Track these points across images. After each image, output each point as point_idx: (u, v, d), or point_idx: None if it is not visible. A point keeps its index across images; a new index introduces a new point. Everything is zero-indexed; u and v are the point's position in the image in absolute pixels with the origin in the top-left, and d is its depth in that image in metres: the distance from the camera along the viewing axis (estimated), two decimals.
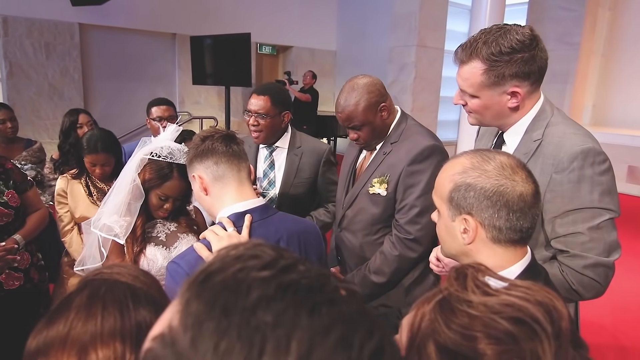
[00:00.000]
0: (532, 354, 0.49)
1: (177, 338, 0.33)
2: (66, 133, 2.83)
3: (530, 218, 0.91)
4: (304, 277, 0.35)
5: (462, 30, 8.95)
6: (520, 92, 1.23)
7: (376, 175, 1.69)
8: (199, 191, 1.18)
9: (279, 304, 0.32)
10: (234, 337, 0.31)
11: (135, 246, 1.48)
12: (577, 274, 1.18)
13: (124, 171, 1.50)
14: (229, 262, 0.36)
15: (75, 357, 0.59)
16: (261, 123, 1.94)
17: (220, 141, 1.16)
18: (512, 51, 1.19)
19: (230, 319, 0.32)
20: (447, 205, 0.96)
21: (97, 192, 2.27)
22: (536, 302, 0.52)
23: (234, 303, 0.32)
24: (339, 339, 0.31)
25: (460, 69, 1.29)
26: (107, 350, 0.60)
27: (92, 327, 0.61)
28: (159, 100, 2.76)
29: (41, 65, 6.22)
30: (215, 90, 7.84)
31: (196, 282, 0.35)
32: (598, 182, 1.18)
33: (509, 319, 0.51)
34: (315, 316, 0.32)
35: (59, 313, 0.64)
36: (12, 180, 2.09)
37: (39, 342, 0.61)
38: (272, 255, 0.37)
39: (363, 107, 1.61)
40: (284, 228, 1.18)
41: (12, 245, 1.97)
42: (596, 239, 1.18)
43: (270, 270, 0.35)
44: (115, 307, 0.63)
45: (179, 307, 0.35)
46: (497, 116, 1.30)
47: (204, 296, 0.34)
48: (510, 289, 0.55)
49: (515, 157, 0.95)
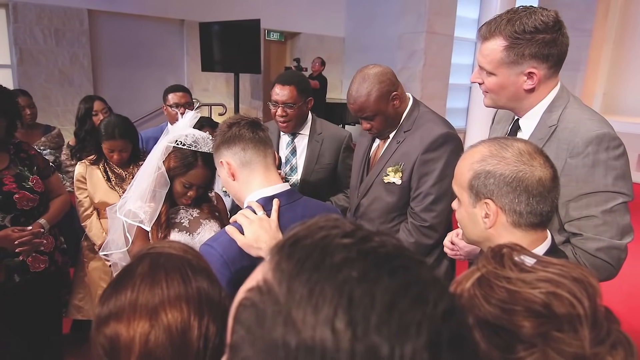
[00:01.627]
0: (570, 326, 0.52)
1: (273, 288, 0.37)
2: (82, 120, 2.88)
3: (550, 202, 0.95)
4: (381, 245, 0.39)
5: (473, 17, 8.83)
6: (537, 73, 1.25)
7: (390, 164, 1.72)
8: (226, 177, 1.22)
9: (361, 264, 0.36)
10: (325, 286, 0.35)
11: (160, 232, 1.53)
12: (590, 257, 1.21)
13: (149, 159, 1.54)
14: (314, 230, 0.40)
15: (146, 319, 0.65)
16: (289, 113, 1.96)
17: (246, 128, 1.19)
18: (534, 31, 1.21)
19: (320, 273, 0.36)
20: (467, 193, 0.99)
21: (115, 177, 2.33)
22: (572, 278, 0.55)
23: (322, 261, 0.36)
24: (416, 296, 0.35)
25: (482, 46, 1.31)
26: (175, 312, 0.65)
27: (159, 292, 0.67)
28: (175, 87, 2.79)
29: (51, 51, 6.24)
30: (223, 77, 7.84)
31: (286, 246, 0.40)
32: (612, 167, 1.21)
33: (547, 293, 0.54)
34: (394, 277, 0.36)
35: (123, 282, 0.69)
36: (36, 166, 2.14)
37: (110, 308, 0.66)
38: (351, 227, 0.41)
39: (375, 97, 1.62)
40: (309, 212, 1.22)
41: (38, 229, 2.03)
42: (609, 222, 1.21)
43: (351, 238, 0.39)
44: (176, 274, 0.69)
45: (270, 265, 0.39)
46: (513, 97, 1.32)
47: (294, 256, 0.38)
48: (546, 266, 0.58)
49: (532, 143, 0.98)
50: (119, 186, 2.32)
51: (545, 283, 0.56)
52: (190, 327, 0.65)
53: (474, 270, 0.61)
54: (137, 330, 0.64)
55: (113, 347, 0.65)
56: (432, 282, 0.37)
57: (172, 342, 0.64)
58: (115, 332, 0.65)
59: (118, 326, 0.65)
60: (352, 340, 0.32)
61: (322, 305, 0.34)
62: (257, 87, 8.41)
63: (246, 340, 0.36)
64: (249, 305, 0.38)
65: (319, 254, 0.37)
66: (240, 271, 1.09)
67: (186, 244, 0.79)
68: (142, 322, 0.64)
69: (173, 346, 0.64)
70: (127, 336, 0.64)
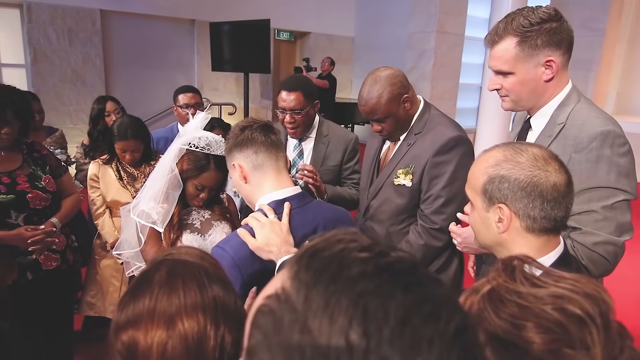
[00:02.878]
0: (581, 343, 0.52)
1: (291, 297, 0.38)
2: (95, 120, 2.91)
3: (564, 207, 0.94)
4: (397, 261, 0.40)
5: (483, 16, 8.76)
6: (555, 60, 1.27)
7: (401, 166, 1.72)
8: (238, 179, 1.23)
9: (377, 279, 0.37)
10: (342, 298, 0.36)
11: (172, 233, 1.54)
12: (587, 250, 1.22)
13: (162, 160, 1.55)
14: (332, 242, 0.41)
15: (163, 327, 0.65)
16: (297, 119, 1.97)
17: (259, 131, 1.20)
18: (541, 22, 1.25)
19: (337, 285, 0.37)
20: (481, 197, 0.99)
21: (127, 177, 2.36)
22: (584, 294, 0.55)
23: (339, 274, 0.38)
24: (429, 313, 0.36)
25: (492, 51, 1.33)
26: (191, 321, 0.66)
27: (177, 301, 0.67)
28: (186, 88, 2.82)
29: (64, 51, 6.32)
30: (233, 76, 7.87)
31: (305, 256, 0.41)
32: (616, 164, 1.21)
33: (559, 310, 0.54)
34: (409, 292, 0.37)
35: (141, 289, 0.70)
36: (49, 166, 2.17)
37: (128, 315, 0.67)
38: (368, 241, 0.42)
39: (386, 100, 1.63)
40: (320, 215, 1.23)
41: (50, 228, 2.06)
42: (609, 217, 1.21)
43: (368, 252, 0.40)
44: (193, 283, 0.70)
45: (289, 274, 0.41)
46: (533, 92, 1.33)
47: (312, 267, 0.39)
48: (558, 280, 0.58)
49: (547, 149, 0.98)
50: (130, 185, 2.35)
51: (557, 299, 0.56)
52: (206, 337, 0.66)
53: (484, 283, 0.60)
54: (155, 339, 0.65)
55: (130, 353, 0.66)
56: (445, 300, 0.38)
57: (188, 351, 0.65)
58: (133, 339, 0.66)
59: (136, 333, 0.66)
60: (366, 352, 0.33)
61: (337, 316, 0.35)
62: (266, 86, 8.44)
63: (263, 345, 0.37)
64: (267, 312, 0.39)
65: (336, 266, 0.38)
66: (251, 274, 1.10)
67: (202, 249, 0.79)
68: (159, 331, 0.65)
69: (189, 355, 0.65)
70: (145, 344, 0.65)
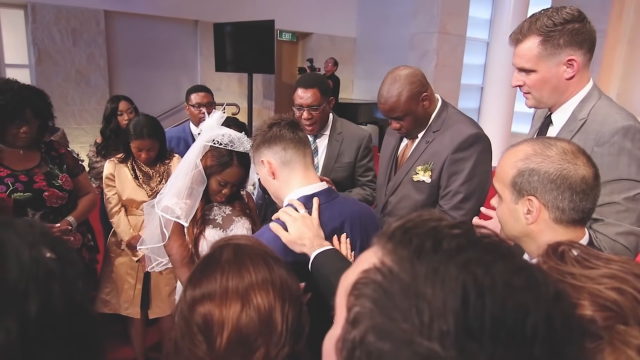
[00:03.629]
0: (635, 319, 0.56)
1: (393, 269, 0.41)
2: (107, 119, 2.94)
3: (592, 199, 0.97)
4: (484, 237, 0.43)
5: (485, 17, 8.81)
6: (576, 59, 1.31)
7: (420, 163, 1.75)
8: (266, 175, 1.25)
9: (475, 250, 0.41)
10: (449, 266, 0.39)
11: (196, 228, 1.56)
12: (609, 241, 1.25)
13: (186, 157, 1.57)
14: (421, 222, 0.45)
15: (238, 300, 0.71)
16: (314, 115, 2.00)
17: (287, 128, 1.22)
18: (564, 22, 1.29)
19: (440, 256, 0.40)
20: (509, 190, 1.02)
21: (142, 176, 2.37)
22: (634, 274, 0.58)
23: (439, 246, 0.41)
24: (529, 278, 0.39)
25: (516, 49, 1.38)
26: (263, 294, 0.72)
27: (248, 276, 0.73)
28: (198, 87, 2.84)
29: (68, 51, 6.32)
30: (236, 77, 7.89)
31: (396, 235, 0.44)
32: (636, 157, 1.25)
33: (612, 289, 0.57)
34: (505, 261, 0.40)
35: (209, 267, 0.75)
36: (66, 165, 2.19)
37: (203, 290, 0.73)
38: (453, 221, 0.46)
39: (405, 98, 1.66)
40: (347, 210, 1.25)
41: (66, 227, 2.08)
42: (631, 209, 1.25)
43: (459, 229, 0.43)
44: (260, 261, 0.75)
45: (385, 251, 0.44)
46: (555, 90, 1.36)
47: (411, 243, 0.42)
48: (608, 262, 0.61)
49: (574, 144, 1.01)
50: (146, 184, 2.36)
51: (609, 279, 0.59)
52: (275, 309, 0.71)
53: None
54: (230, 310, 0.70)
55: (207, 324, 0.71)
56: (537, 269, 0.41)
57: (260, 322, 0.70)
58: (209, 311, 0.71)
59: (211, 306, 0.71)
60: (482, 311, 0.36)
61: (449, 281, 0.38)
62: (269, 87, 8.45)
63: (374, 311, 0.40)
64: (371, 283, 0.41)
65: (433, 240, 0.42)
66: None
67: (256, 238, 0.83)
68: (233, 303, 0.70)
69: (261, 324, 0.70)
70: (220, 315, 0.70)
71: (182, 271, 1.58)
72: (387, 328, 0.38)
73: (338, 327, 0.45)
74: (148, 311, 2.42)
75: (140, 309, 2.39)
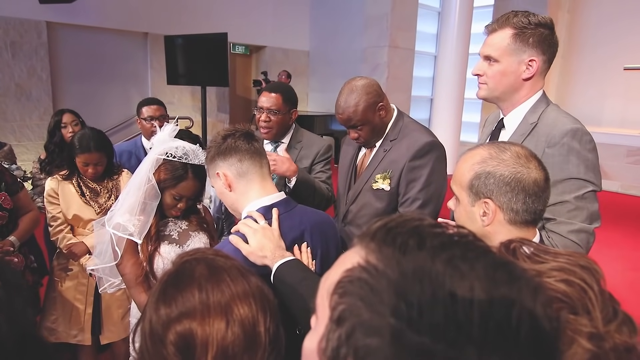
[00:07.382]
0: (583, 308, 0.58)
1: (378, 267, 0.42)
2: (51, 133, 2.79)
3: (543, 201, 1.02)
4: (463, 235, 0.45)
5: (432, 32, 9.20)
6: (537, 62, 1.38)
7: (379, 171, 1.77)
8: (222, 188, 1.21)
9: (457, 247, 0.42)
10: (435, 262, 0.40)
11: (150, 245, 1.49)
12: (562, 238, 1.31)
13: (138, 171, 1.50)
14: (402, 221, 0.45)
15: (222, 316, 0.67)
16: (272, 119, 2.00)
17: (242, 139, 1.20)
18: (538, 24, 1.38)
19: (425, 253, 0.41)
20: (467, 192, 1.04)
21: (89, 192, 2.25)
22: (580, 266, 0.62)
23: (422, 244, 0.42)
24: (510, 273, 0.41)
25: (488, 39, 1.44)
26: (246, 308, 0.68)
27: (228, 290, 0.69)
28: (150, 100, 2.75)
29: (7, 65, 5.96)
30: (189, 90, 7.73)
31: (378, 234, 0.45)
32: (584, 158, 1.33)
33: (561, 281, 0.60)
34: (486, 258, 0.42)
35: (183, 283, 0.70)
36: (4, 182, 2.04)
37: (180, 308, 0.68)
38: (432, 220, 0.46)
39: (363, 108, 1.69)
40: (306, 219, 1.24)
41: (8, 248, 1.93)
42: (581, 207, 1.32)
43: (440, 229, 0.44)
44: (236, 273, 0.71)
45: (368, 250, 0.44)
46: (510, 86, 1.43)
47: (394, 241, 0.43)
48: (556, 256, 0.64)
49: (527, 148, 1.06)
50: (93, 201, 2.24)
51: (558, 272, 0.62)
52: (258, 322, 0.68)
53: None
54: (214, 328, 0.66)
55: (187, 344, 0.66)
56: (515, 264, 0.43)
57: (245, 336, 0.66)
58: (190, 330, 0.66)
59: (192, 324, 0.66)
60: (470, 305, 0.37)
61: (436, 276, 0.39)
62: (223, 100, 8.34)
63: (361, 308, 0.40)
64: (356, 281, 0.42)
65: (417, 239, 0.42)
66: None
67: (217, 249, 0.79)
68: (217, 320, 0.66)
69: (246, 339, 0.67)
70: (203, 333, 0.66)
71: (137, 290, 1.49)
72: (375, 324, 0.38)
73: (320, 328, 0.45)
74: (100, 337, 2.27)
75: (91, 334, 2.24)
